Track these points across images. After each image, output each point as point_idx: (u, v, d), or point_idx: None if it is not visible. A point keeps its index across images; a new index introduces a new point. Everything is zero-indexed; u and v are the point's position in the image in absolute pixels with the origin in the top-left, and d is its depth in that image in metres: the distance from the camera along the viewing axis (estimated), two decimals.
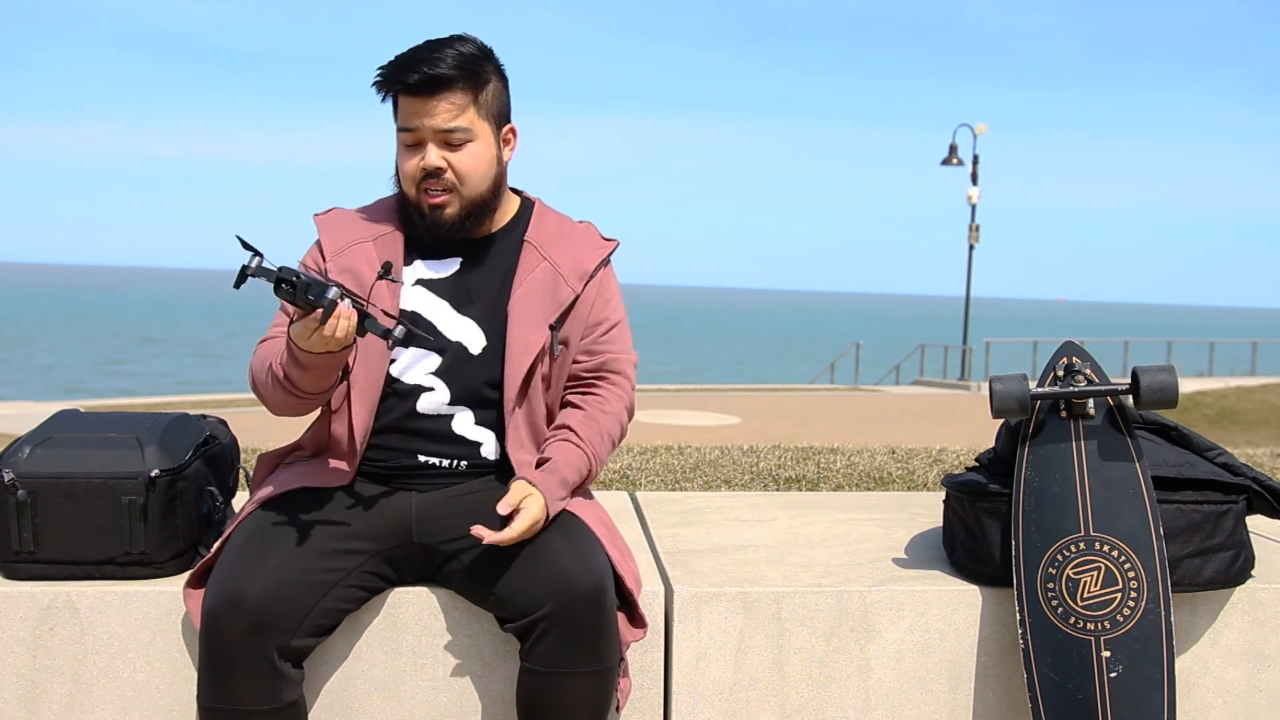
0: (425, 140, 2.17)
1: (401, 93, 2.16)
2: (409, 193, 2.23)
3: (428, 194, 2.20)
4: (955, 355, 26.21)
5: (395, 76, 2.16)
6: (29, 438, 2.30)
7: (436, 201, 2.20)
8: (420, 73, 2.13)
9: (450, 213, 2.21)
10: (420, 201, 2.21)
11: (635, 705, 2.33)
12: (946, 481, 2.55)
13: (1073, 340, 2.51)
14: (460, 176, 2.19)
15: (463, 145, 2.19)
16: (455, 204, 2.21)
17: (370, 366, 2.21)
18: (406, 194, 2.23)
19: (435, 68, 2.13)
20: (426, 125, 2.16)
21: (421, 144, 2.18)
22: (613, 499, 3.22)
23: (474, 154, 2.20)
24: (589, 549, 2.11)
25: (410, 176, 2.20)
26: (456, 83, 2.16)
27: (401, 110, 2.18)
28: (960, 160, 25.06)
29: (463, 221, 2.23)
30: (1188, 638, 2.45)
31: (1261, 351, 30.78)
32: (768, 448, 5.35)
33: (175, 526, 2.30)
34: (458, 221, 2.22)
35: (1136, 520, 2.30)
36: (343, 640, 2.25)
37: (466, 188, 2.21)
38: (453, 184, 2.20)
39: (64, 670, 2.23)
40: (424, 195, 2.20)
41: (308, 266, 2.29)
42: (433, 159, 2.17)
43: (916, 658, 2.39)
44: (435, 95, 2.15)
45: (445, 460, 2.24)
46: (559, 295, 2.26)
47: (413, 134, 2.18)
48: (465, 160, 2.19)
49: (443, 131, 2.16)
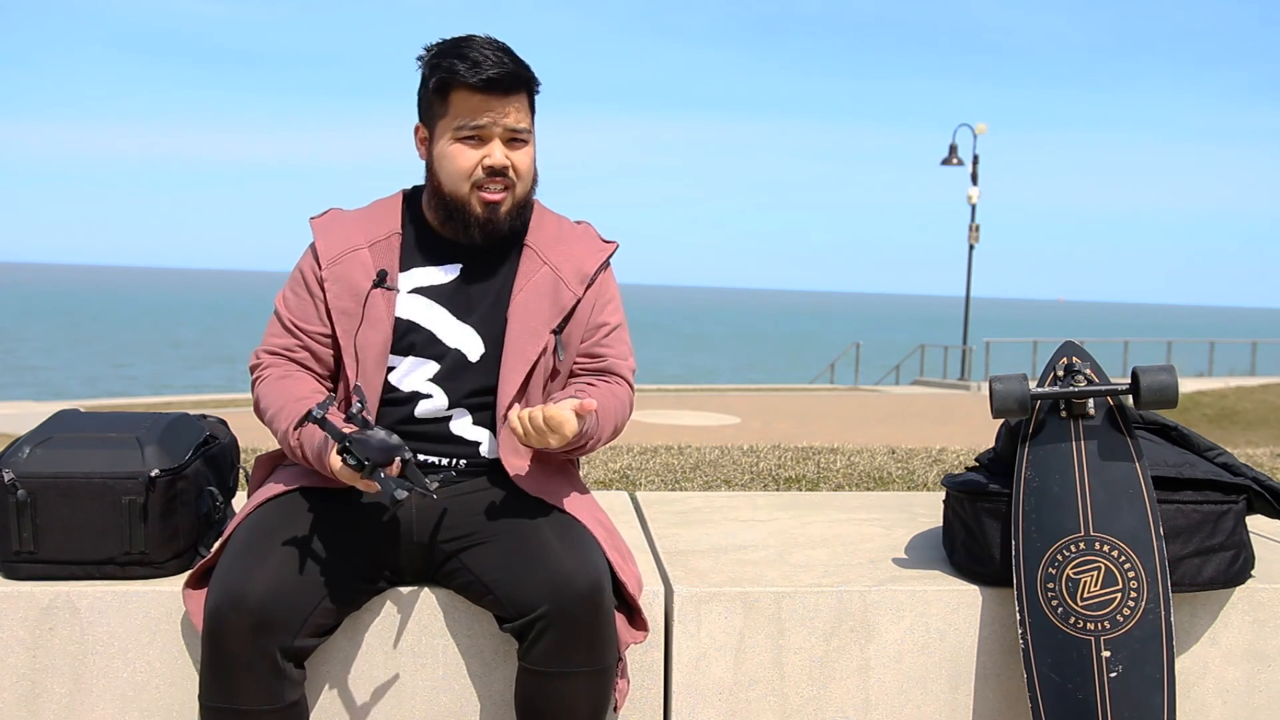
0: (491, 138, 2.18)
1: (474, 89, 2.14)
2: (457, 190, 2.20)
3: (485, 191, 2.20)
4: (955, 355, 26.21)
5: (471, 71, 2.13)
6: (29, 437, 2.30)
7: (495, 199, 2.20)
8: (499, 70, 2.14)
9: (505, 210, 2.22)
10: (470, 200, 2.20)
11: (635, 705, 2.33)
12: (946, 481, 2.55)
13: (1073, 340, 2.50)
14: (519, 175, 2.22)
15: (523, 145, 2.22)
16: (509, 202, 2.22)
17: (368, 375, 2.21)
18: (452, 192, 2.21)
19: (509, 65, 2.15)
20: (499, 123, 2.17)
21: (484, 141, 2.18)
22: (613, 499, 3.22)
23: (529, 155, 2.24)
24: (586, 549, 2.11)
25: (465, 173, 2.19)
26: (526, 84, 2.19)
27: (466, 106, 2.16)
28: (960, 160, 25.07)
29: (513, 220, 2.25)
30: (1188, 638, 2.45)
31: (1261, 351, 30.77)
32: (768, 448, 5.35)
33: (175, 526, 2.30)
34: (509, 219, 2.24)
35: (1136, 520, 2.30)
36: (343, 640, 2.25)
37: (520, 186, 2.23)
38: (512, 182, 2.21)
39: (64, 670, 2.23)
40: (478, 193, 2.19)
41: (304, 274, 2.28)
42: (500, 157, 2.18)
43: (916, 658, 2.39)
44: (510, 94, 2.16)
45: (444, 460, 2.24)
46: (560, 300, 2.26)
47: (479, 130, 2.17)
48: (524, 160, 2.22)
49: (512, 130, 2.18)
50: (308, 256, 2.29)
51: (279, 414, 2.18)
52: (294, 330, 2.26)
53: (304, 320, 2.26)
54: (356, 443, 1.95)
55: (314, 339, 2.25)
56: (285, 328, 2.27)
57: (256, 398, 2.25)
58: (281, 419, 2.17)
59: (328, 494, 2.20)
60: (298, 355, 2.26)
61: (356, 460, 1.95)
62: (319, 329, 2.25)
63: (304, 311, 2.26)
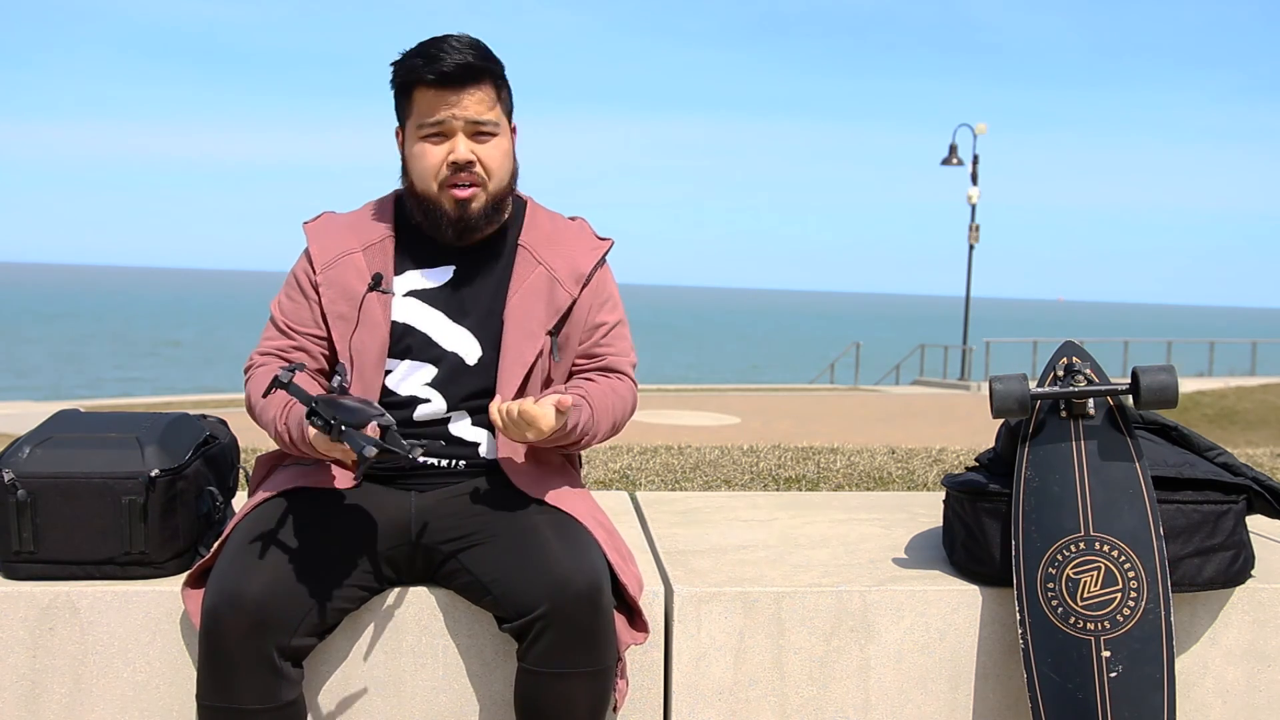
0: (453, 133, 2.15)
1: (430, 85, 2.12)
2: (427, 190, 2.19)
3: (454, 188, 2.17)
4: (955, 355, 26.21)
5: (426, 67, 2.11)
6: (29, 437, 2.30)
7: (465, 195, 2.17)
8: (452, 63, 2.10)
9: (477, 206, 2.19)
10: (441, 198, 2.18)
11: (635, 705, 2.33)
12: (946, 481, 2.55)
13: (1073, 340, 2.50)
14: (488, 170, 2.18)
15: (490, 139, 2.18)
16: (482, 197, 2.19)
17: (366, 378, 2.21)
18: (424, 192, 2.19)
19: (465, 57, 2.11)
20: (458, 116, 2.14)
21: (446, 137, 2.16)
22: (613, 499, 3.22)
23: (499, 148, 2.20)
24: (585, 549, 2.11)
25: (432, 171, 2.17)
26: (486, 75, 2.15)
27: (425, 103, 2.15)
28: (960, 160, 25.07)
29: (488, 215, 2.22)
30: (1188, 638, 2.45)
31: (1261, 351, 30.77)
32: (768, 448, 5.35)
33: (175, 526, 2.30)
34: (484, 215, 2.21)
35: (1136, 520, 2.30)
36: (343, 640, 2.25)
37: (493, 182, 2.20)
38: (481, 177, 2.18)
39: (64, 670, 2.23)
40: (448, 190, 2.17)
41: (299, 278, 2.27)
42: (464, 151, 2.15)
43: (916, 658, 2.39)
44: (467, 86, 2.13)
45: (443, 461, 2.24)
46: (556, 300, 2.25)
47: (438, 126, 2.15)
48: (493, 154, 2.19)
49: (474, 123, 2.15)
50: (302, 261, 2.29)
51: (267, 405, 2.17)
52: (289, 333, 2.26)
53: (299, 324, 2.26)
54: (323, 402, 1.90)
55: (310, 341, 2.26)
56: (280, 331, 2.27)
57: (247, 395, 2.25)
58: (270, 408, 2.16)
59: (327, 494, 2.20)
60: (292, 356, 2.26)
61: (324, 421, 1.89)
62: (314, 332, 2.25)
63: (299, 315, 2.26)
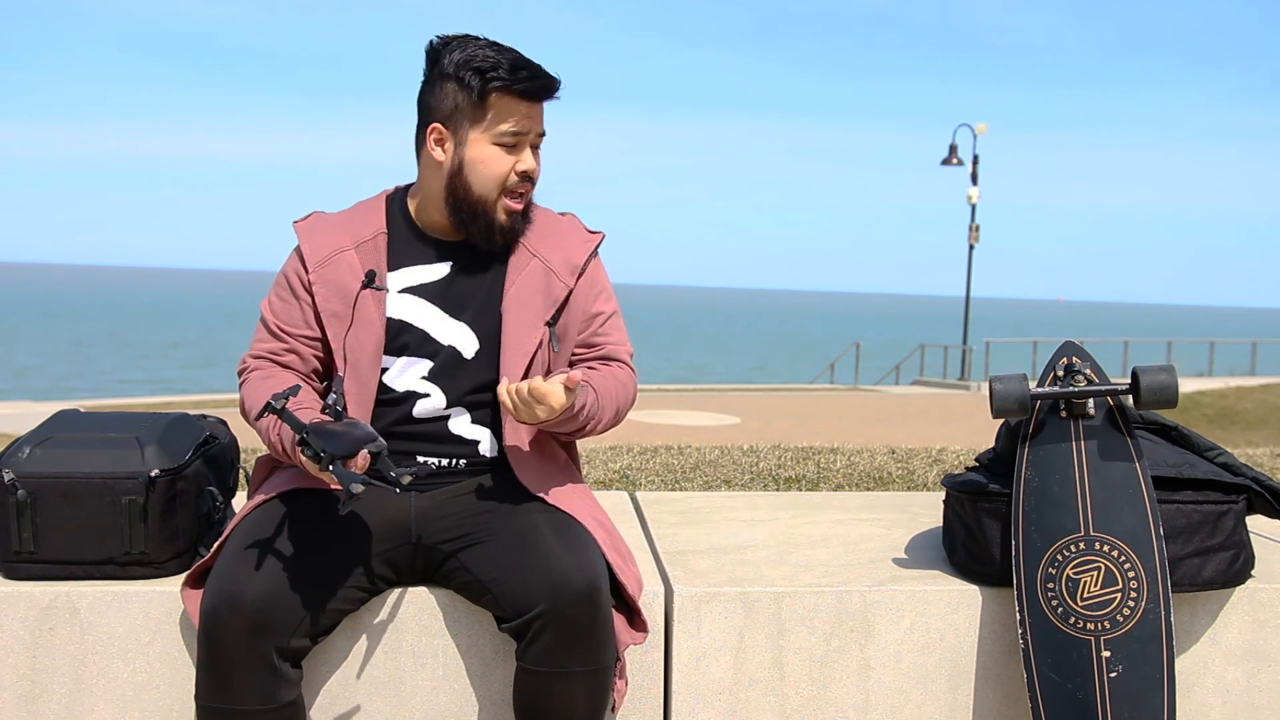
0: (525, 145, 2.20)
1: (517, 94, 2.15)
2: (486, 195, 2.20)
3: (514, 198, 2.21)
4: (955, 355, 26.21)
5: (522, 78, 2.14)
6: (29, 437, 2.30)
7: (519, 207, 2.23)
8: (544, 77, 2.16)
9: (521, 217, 2.25)
10: (496, 206, 2.20)
11: (635, 705, 2.33)
12: (946, 481, 2.55)
13: (1073, 340, 2.51)
14: (534, 180, 2.25)
15: (537, 152, 2.24)
16: (524, 206, 2.25)
17: (363, 377, 2.21)
18: (480, 196, 2.20)
19: (550, 76, 2.17)
20: (534, 130, 2.20)
21: (518, 147, 2.19)
22: (613, 499, 3.22)
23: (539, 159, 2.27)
24: (584, 549, 2.11)
25: (500, 178, 2.19)
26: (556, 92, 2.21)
27: (506, 111, 2.16)
28: (960, 160, 25.06)
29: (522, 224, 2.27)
30: (1188, 638, 2.45)
31: (1261, 351, 30.76)
32: (768, 448, 5.35)
33: (175, 526, 2.30)
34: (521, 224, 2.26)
35: (1136, 520, 2.30)
36: (343, 640, 2.25)
37: (533, 190, 2.26)
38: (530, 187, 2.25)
39: (64, 670, 2.23)
40: (504, 199, 2.20)
41: (290, 278, 2.27)
42: (533, 163, 2.21)
43: (916, 658, 2.39)
44: (543, 101, 2.19)
45: (444, 460, 2.24)
46: (553, 291, 2.26)
47: (516, 137, 2.18)
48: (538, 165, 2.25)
49: (541, 136, 2.22)
50: (293, 260, 2.28)
51: (256, 417, 2.18)
52: (280, 335, 2.26)
53: (290, 325, 2.26)
54: (314, 433, 1.90)
55: (301, 342, 2.25)
56: (271, 333, 2.27)
57: (241, 400, 2.25)
58: (264, 420, 2.17)
59: (327, 495, 2.20)
60: (284, 359, 2.26)
61: (314, 452, 1.90)
62: (306, 332, 2.25)
63: (290, 316, 2.26)
